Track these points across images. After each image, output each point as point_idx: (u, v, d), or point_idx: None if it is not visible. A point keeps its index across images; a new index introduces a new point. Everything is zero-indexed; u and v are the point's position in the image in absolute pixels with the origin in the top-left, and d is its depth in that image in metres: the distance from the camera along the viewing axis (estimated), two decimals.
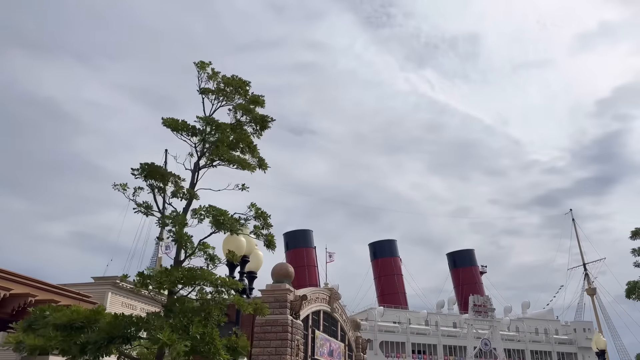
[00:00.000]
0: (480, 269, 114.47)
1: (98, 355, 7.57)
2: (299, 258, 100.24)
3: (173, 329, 7.36)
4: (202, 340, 7.48)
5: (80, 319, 7.83)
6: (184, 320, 7.54)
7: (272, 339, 34.25)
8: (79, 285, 30.87)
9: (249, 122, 10.31)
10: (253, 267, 11.33)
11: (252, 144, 10.28)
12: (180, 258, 8.96)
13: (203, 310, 8.05)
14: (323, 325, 43.75)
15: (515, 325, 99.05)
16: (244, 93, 10.34)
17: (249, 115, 10.15)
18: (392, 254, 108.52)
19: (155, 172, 9.12)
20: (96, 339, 7.48)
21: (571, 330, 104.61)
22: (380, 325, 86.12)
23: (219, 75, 10.23)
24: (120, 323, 7.63)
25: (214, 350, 7.46)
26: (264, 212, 9.54)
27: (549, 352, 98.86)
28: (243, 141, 10.03)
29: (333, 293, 46.11)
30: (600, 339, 23.10)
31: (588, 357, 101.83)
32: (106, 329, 7.58)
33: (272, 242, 9.70)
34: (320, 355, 41.45)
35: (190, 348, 7.38)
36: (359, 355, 52.24)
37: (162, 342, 7.06)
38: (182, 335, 7.38)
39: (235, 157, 9.75)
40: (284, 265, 38.03)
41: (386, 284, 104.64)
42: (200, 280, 8.19)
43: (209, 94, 10.08)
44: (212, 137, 9.68)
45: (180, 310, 7.76)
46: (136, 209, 8.97)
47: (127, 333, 7.51)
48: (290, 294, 36.23)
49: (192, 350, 7.44)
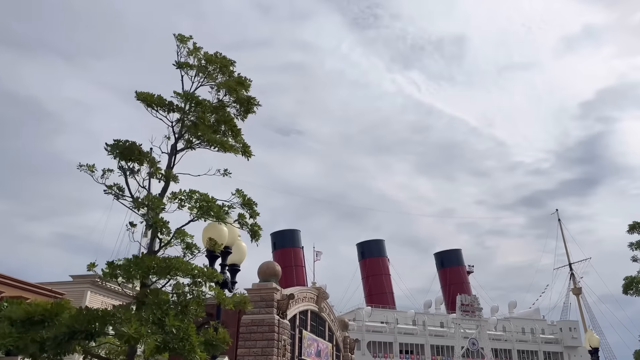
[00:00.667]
0: (467, 268, 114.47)
1: (59, 352, 6.74)
2: (287, 258, 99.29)
3: (143, 323, 6.54)
4: (177, 335, 6.67)
5: (39, 313, 6.97)
6: (157, 313, 6.71)
7: (258, 339, 33.40)
8: (56, 284, 29.80)
9: (232, 102, 9.49)
10: (236, 259, 10.48)
11: (235, 127, 9.45)
12: (155, 247, 8.16)
13: (179, 304, 7.21)
14: (310, 325, 42.95)
15: (502, 325, 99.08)
16: (228, 73, 9.53)
17: (232, 95, 9.31)
18: (380, 253, 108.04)
19: (130, 150, 8.25)
20: (55, 335, 6.63)
21: (557, 330, 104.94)
22: (367, 325, 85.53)
23: (201, 51, 9.39)
24: (83, 317, 6.77)
25: (189, 347, 6.64)
26: (250, 200, 8.73)
27: (535, 352, 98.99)
28: (225, 123, 9.20)
29: (321, 292, 45.32)
30: (594, 337, 22.59)
31: (574, 356, 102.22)
32: (67, 324, 6.72)
33: (257, 232, 8.86)
34: (307, 356, 40.64)
35: (163, 344, 6.58)
36: (346, 356, 51.51)
37: (129, 336, 6.25)
38: (153, 329, 6.57)
39: (216, 139, 8.90)
40: (271, 264, 37.19)
41: (374, 284, 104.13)
42: (175, 271, 7.36)
43: (188, 69, 9.21)
44: (192, 114, 8.86)
45: (153, 303, 6.93)
46: (107, 191, 8.11)
47: (91, 328, 6.66)
48: (277, 293, 35.39)
49: (165, 347, 6.63)
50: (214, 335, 7.46)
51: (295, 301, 38.58)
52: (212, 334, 7.49)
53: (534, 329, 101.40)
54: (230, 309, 8.20)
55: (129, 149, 8.15)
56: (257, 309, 34.35)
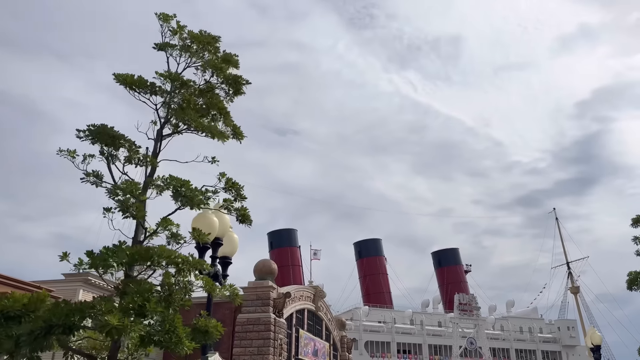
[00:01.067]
0: (465, 267, 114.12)
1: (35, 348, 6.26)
2: (283, 257, 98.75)
3: (125, 313, 6.08)
4: (162, 326, 6.21)
5: (17, 307, 6.49)
6: (138, 300, 6.22)
7: (254, 338, 32.91)
8: (48, 282, 29.26)
9: (220, 83, 8.99)
10: (227, 251, 9.99)
11: (224, 110, 8.96)
12: (139, 238, 7.68)
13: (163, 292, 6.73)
14: (307, 324, 42.48)
15: (500, 324, 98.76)
16: (213, 50, 9.03)
17: (219, 75, 8.80)
18: (377, 253, 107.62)
19: (104, 134, 7.74)
20: (31, 330, 6.15)
21: (555, 329, 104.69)
22: (365, 325, 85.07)
23: (185, 29, 8.86)
24: (61, 310, 6.29)
25: (175, 338, 6.17)
26: (236, 183, 8.22)
27: (533, 351, 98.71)
28: (213, 106, 8.71)
29: (317, 291, 44.85)
30: (596, 334, 22.14)
31: (572, 355, 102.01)
32: (44, 317, 6.24)
33: (247, 216, 8.36)
34: (304, 355, 40.16)
35: (147, 336, 6.10)
36: (344, 355, 51.04)
37: (111, 327, 5.77)
38: (136, 320, 6.10)
39: (203, 124, 8.40)
40: (267, 262, 36.70)
41: (371, 284, 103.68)
42: (158, 258, 6.87)
43: (170, 49, 8.68)
44: (176, 96, 8.36)
45: (136, 291, 6.45)
46: (84, 178, 7.62)
47: (69, 321, 6.17)
48: (273, 291, 34.90)
49: (149, 339, 6.17)
50: (205, 322, 6.98)
51: (291, 300, 38.11)
52: (202, 322, 7.01)
53: (532, 328, 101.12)
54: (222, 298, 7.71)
55: (102, 133, 7.65)
56: (253, 307, 33.88)
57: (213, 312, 29.57)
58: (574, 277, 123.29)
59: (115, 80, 8.09)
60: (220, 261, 9.96)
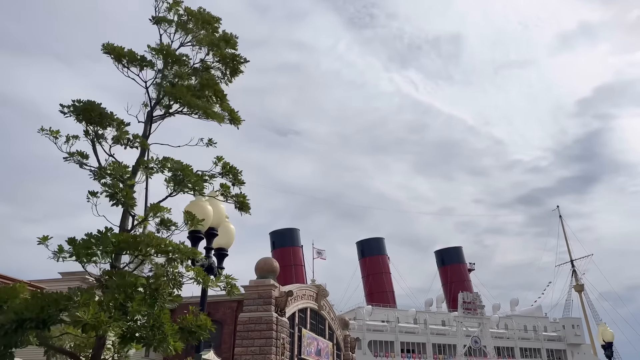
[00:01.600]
0: (468, 266, 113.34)
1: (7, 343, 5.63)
2: (286, 257, 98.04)
3: (104, 307, 5.45)
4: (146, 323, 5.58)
5: None
6: (119, 297, 5.59)
7: (255, 337, 32.28)
8: (45, 282, 28.70)
9: (216, 62, 8.34)
10: (223, 243, 9.36)
11: (220, 91, 8.33)
12: (126, 226, 7.07)
13: (149, 286, 6.09)
14: (310, 324, 41.84)
15: (504, 322, 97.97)
16: (212, 30, 8.40)
17: (216, 52, 8.16)
18: (380, 252, 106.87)
19: (90, 111, 7.11)
20: (1, 323, 5.52)
21: (560, 327, 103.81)
22: (368, 325, 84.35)
23: (182, 4, 8.24)
24: (35, 302, 5.65)
25: (160, 336, 5.54)
26: (233, 167, 7.58)
27: (538, 349, 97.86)
28: (209, 87, 8.09)
29: (320, 290, 44.22)
30: (607, 331, 21.44)
31: (577, 354, 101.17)
32: (16, 310, 5.61)
33: (245, 203, 7.72)
34: (307, 355, 39.53)
35: (129, 333, 5.48)
36: (347, 355, 50.39)
37: (84, 323, 5.15)
38: (116, 315, 5.47)
39: (197, 103, 7.75)
40: (269, 260, 36.08)
41: (374, 283, 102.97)
42: (144, 247, 6.24)
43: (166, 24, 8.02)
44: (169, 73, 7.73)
45: (117, 285, 5.82)
46: (67, 158, 6.99)
47: (44, 315, 5.55)
48: (275, 289, 34.28)
49: (131, 336, 5.54)
50: (193, 321, 6.34)
51: (294, 299, 37.49)
52: (190, 319, 6.37)
53: (537, 327, 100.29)
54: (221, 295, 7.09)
55: (89, 109, 7.01)
56: (255, 306, 33.27)
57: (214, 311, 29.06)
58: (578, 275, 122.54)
59: (103, 51, 7.48)
60: (215, 253, 9.34)
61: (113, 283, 5.83)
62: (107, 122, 7.18)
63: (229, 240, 9.50)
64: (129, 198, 6.57)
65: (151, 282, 6.12)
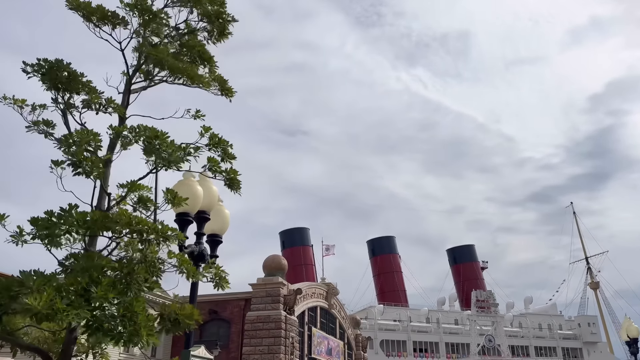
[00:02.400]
0: (481, 264, 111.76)
1: None
2: (296, 257, 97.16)
3: (63, 293, 4.59)
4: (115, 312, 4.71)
5: None
6: (82, 281, 4.70)
7: (264, 336, 31.45)
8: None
9: (200, 21, 7.39)
10: (216, 228, 8.50)
11: (207, 54, 7.44)
12: (102, 207, 6.22)
13: (121, 270, 5.20)
14: (320, 322, 40.94)
15: (518, 321, 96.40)
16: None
17: (198, 9, 7.19)
18: (391, 250, 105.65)
19: (58, 70, 6.22)
20: None
21: (575, 325, 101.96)
22: (380, 324, 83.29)
23: None
24: None
25: (131, 328, 4.67)
26: (223, 139, 6.69)
27: (553, 348, 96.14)
28: (193, 49, 7.18)
29: (330, 288, 43.30)
30: (632, 326, 20.32)
31: (593, 352, 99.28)
32: None
33: (236, 180, 6.81)
34: (318, 354, 38.63)
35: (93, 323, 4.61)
36: (359, 354, 49.41)
37: (36, 311, 4.30)
38: (77, 303, 4.60)
39: (179, 65, 6.85)
40: (276, 257, 35.22)
41: (385, 282, 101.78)
42: (114, 225, 5.37)
43: None
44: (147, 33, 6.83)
45: (83, 268, 4.95)
46: (30, 127, 6.13)
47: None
48: (283, 287, 33.42)
49: (97, 328, 4.67)
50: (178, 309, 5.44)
51: (303, 297, 36.62)
52: (174, 307, 5.47)
53: (551, 325, 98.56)
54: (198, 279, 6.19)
55: (56, 69, 6.13)
56: (263, 304, 32.45)
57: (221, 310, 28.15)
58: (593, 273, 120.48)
59: (68, 7, 6.61)
60: (208, 239, 8.47)
61: (78, 266, 4.98)
62: (78, 86, 6.31)
63: (223, 225, 8.65)
64: (96, 167, 5.69)
65: (124, 265, 5.25)
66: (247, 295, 33.41)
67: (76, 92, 6.46)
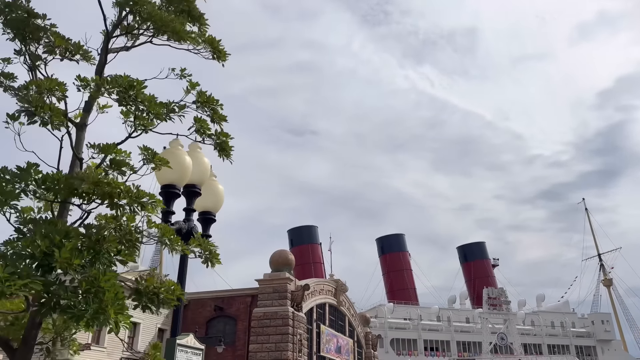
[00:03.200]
0: (492, 261, 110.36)
1: None
2: (304, 255, 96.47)
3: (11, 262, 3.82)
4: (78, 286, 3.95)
5: None
6: (42, 244, 3.89)
7: (271, 333, 30.69)
8: None
9: None
10: (209, 206, 7.73)
11: (196, 11, 6.67)
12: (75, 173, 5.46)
13: (89, 237, 4.43)
14: (329, 320, 40.12)
15: (530, 319, 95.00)
16: None
17: None
18: (401, 248, 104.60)
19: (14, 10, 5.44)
20: None
21: (589, 323, 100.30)
22: (390, 322, 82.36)
23: None
24: None
25: (96, 305, 3.89)
26: (212, 98, 5.89)
27: (566, 346, 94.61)
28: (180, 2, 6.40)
29: (339, 285, 42.46)
30: None
31: (607, 350, 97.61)
32: None
33: (226, 143, 6.02)
34: (327, 352, 37.80)
35: (49, 298, 3.84)
36: (369, 352, 48.54)
37: None
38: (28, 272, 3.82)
39: (167, 18, 6.05)
40: (283, 252, 34.45)
41: (395, 280, 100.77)
42: (81, 184, 4.59)
43: None
44: None
45: (42, 234, 4.18)
46: None
47: None
48: (290, 283, 32.65)
49: (56, 304, 3.89)
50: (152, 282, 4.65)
51: (311, 293, 35.81)
52: (150, 281, 4.67)
53: (564, 323, 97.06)
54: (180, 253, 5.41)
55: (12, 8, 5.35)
56: (270, 300, 31.70)
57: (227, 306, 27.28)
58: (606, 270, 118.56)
59: None
60: (200, 217, 7.69)
61: (38, 231, 4.21)
62: (39, 33, 5.55)
63: (216, 202, 7.87)
64: (57, 116, 4.92)
65: (92, 233, 4.48)
66: (254, 291, 32.69)
67: (37, 41, 5.67)
